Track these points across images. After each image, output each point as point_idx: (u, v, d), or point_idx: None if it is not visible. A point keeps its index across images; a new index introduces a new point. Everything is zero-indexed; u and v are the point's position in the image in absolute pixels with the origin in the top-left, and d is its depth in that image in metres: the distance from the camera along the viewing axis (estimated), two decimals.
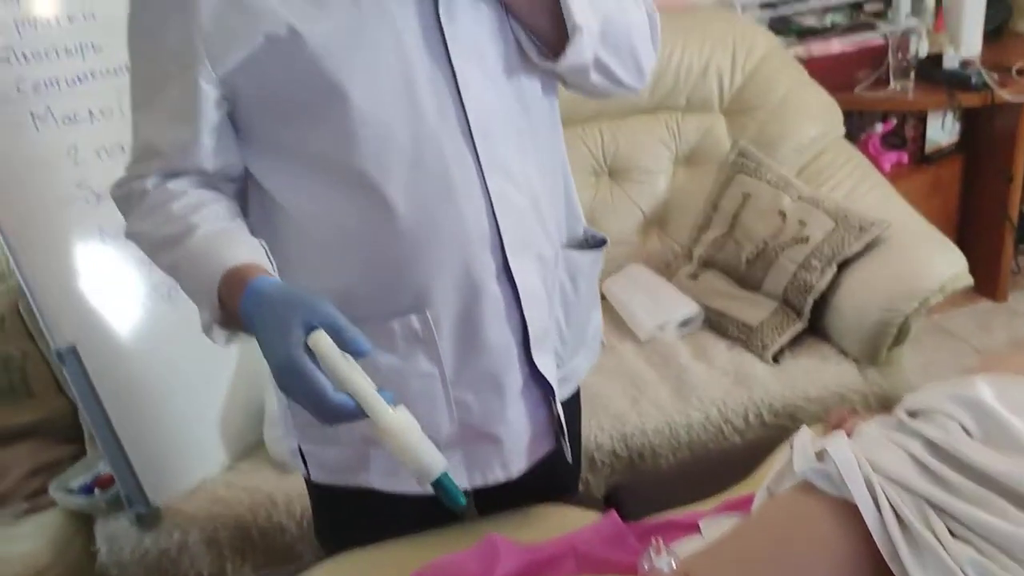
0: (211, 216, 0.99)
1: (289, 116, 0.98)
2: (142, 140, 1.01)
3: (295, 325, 0.85)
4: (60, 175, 1.62)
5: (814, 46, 2.82)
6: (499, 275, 1.06)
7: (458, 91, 0.98)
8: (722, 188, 2.24)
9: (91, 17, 1.65)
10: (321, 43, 0.93)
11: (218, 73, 0.95)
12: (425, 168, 0.99)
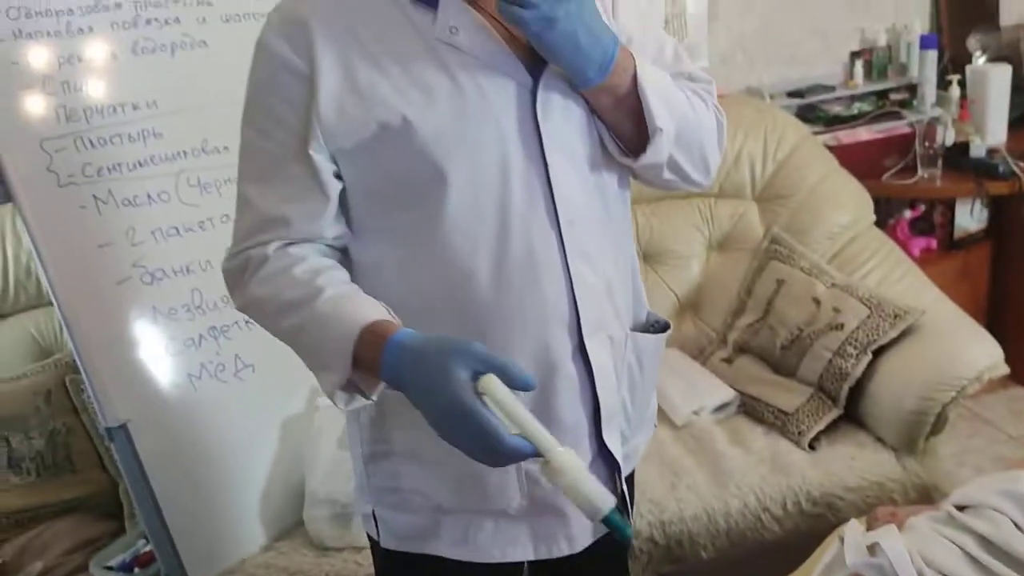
0: (335, 279, 1.03)
1: (389, 195, 1.04)
2: (262, 212, 1.05)
3: (457, 370, 0.88)
4: (117, 255, 1.67)
5: (842, 134, 2.88)
6: (574, 355, 1.10)
7: (548, 180, 1.04)
8: (756, 274, 2.28)
9: (153, 105, 1.73)
10: (431, 132, 0.99)
11: (330, 151, 1.01)
12: (512, 249, 1.04)
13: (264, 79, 1.03)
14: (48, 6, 1.61)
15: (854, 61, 3.09)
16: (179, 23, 1.78)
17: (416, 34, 1.01)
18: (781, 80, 3.08)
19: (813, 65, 3.13)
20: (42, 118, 1.60)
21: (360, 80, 0.99)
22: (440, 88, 1.00)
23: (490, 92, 1.01)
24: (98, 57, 1.67)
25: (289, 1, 1.05)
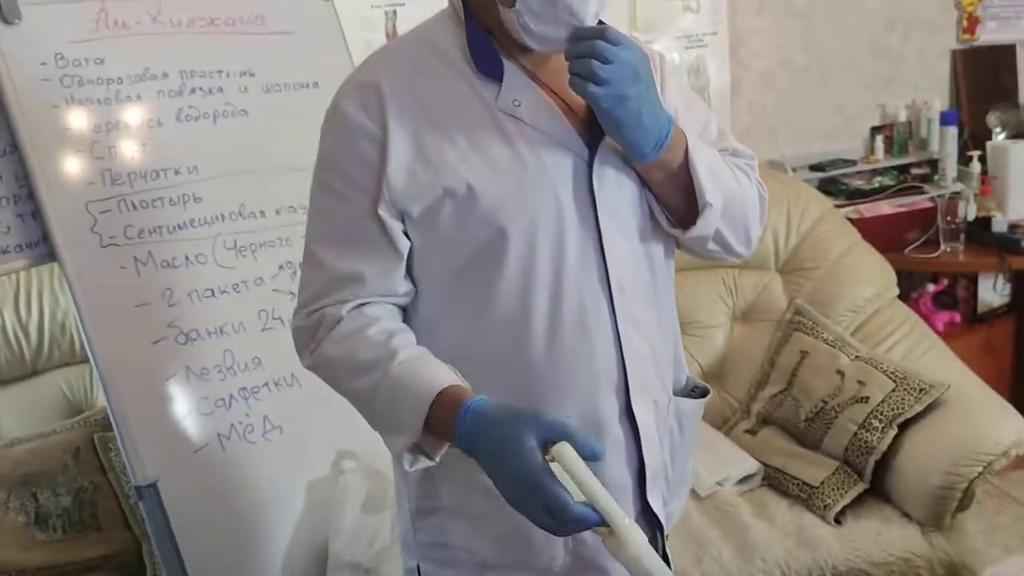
0: (408, 341, 1.07)
1: (450, 256, 1.08)
2: (335, 271, 1.08)
3: (528, 439, 0.91)
4: (154, 315, 1.71)
5: (864, 207, 2.91)
6: (621, 417, 1.12)
7: (601, 247, 1.08)
8: (779, 345, 2.28)
9: (194, 170, 1.78)
10: (493, 199, 1.04)
11: (398, 211, 1.06)
12: (566, 312, 1.08)
13: (338, 143, 1.07)
14: (100, 75, 1.68)
15: (875, 136, 3.14)
16: (222, 92, 1.84)
17: (481, 105, 1.06)
18: (803, 153, 3.13)
19: (834, 139, 3.18)
20: (89, 181, 1.65)
21: (429, 148, 1.04)
22: (502, 157, 1.05)
23: (549, 162, 1.06)
24: (144, 124, 1.73)
25: (363, 69, 1.11)
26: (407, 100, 1.05)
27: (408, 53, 1.11)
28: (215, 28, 1.86)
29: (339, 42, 2.04)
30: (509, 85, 1.07)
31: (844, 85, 3.16)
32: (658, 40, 2.87)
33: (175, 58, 1.78)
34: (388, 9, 2.61)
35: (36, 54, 1.62)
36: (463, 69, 1.08)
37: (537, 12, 1.01)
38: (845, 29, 3.11)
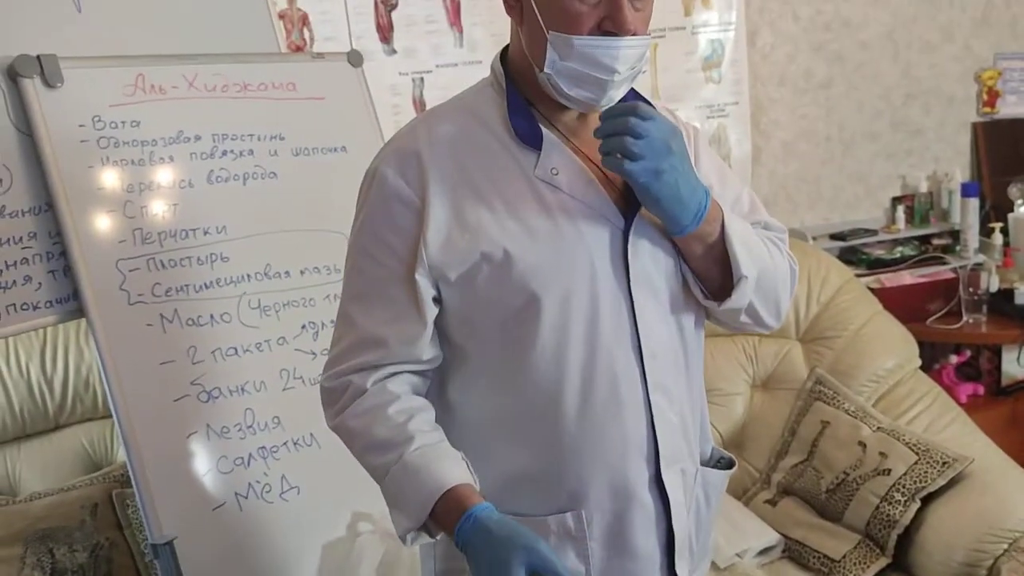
0: (425, 425, 1.09)
1: (486, 320, 1.09)
2: (362, 332, 1.11)
3: (516, 566, 0.94)
4: (178, 373, 1.72)
5: (885, 277, 2.91)
6: (650, 485, 1.13)
7: (634, 316, 1.10)
8: (800, 415, 2.27)
9: (223, 230, 1.81)
10: (529, 265, 1.06)
11: (433, 277, 1.08)
12: (598, 378, 1.09)
13: (376, 206, 1.10)
14: (135, 137, 1.73)
15: (896, 206, 3.16)
16: (252, 155, 1.88)
17: (520, 172, 1.09)
18: (823, 223, 3.15)
19: (855, 209, 3.20)
20: (120, 240, 1.68)
21: (467, 214, 1.07)
22: (540, 225, 1.07)
23: (585, 231, 1.08)
24: (176, 184, 1.77)
25: (405, 135, 1.13)
26: (446, 167, 1.08)
27: (449, 120, 1.13)
28: (248, 93, 1.91)
29: (367, 108, 2.09)
30: (548, 154, 1.09)
31: (865, 155, 3.19)
32: (680, 109, 2.91)
33: (208, 121, 1.83)
34: (415, 76, 2.67)
35: (75, 116, 1.67)
36: (503, 137, 1.10)
37: (567, 73, 1.05)
38: (866, 101, 3.16)
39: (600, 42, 1.02)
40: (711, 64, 2.94)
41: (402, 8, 2.65)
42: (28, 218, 1.63)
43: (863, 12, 3.09)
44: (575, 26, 1.02)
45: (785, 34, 3.03)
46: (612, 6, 1.02)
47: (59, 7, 1.73)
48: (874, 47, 3.13)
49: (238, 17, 2.01)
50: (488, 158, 1.09)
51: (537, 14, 1.05)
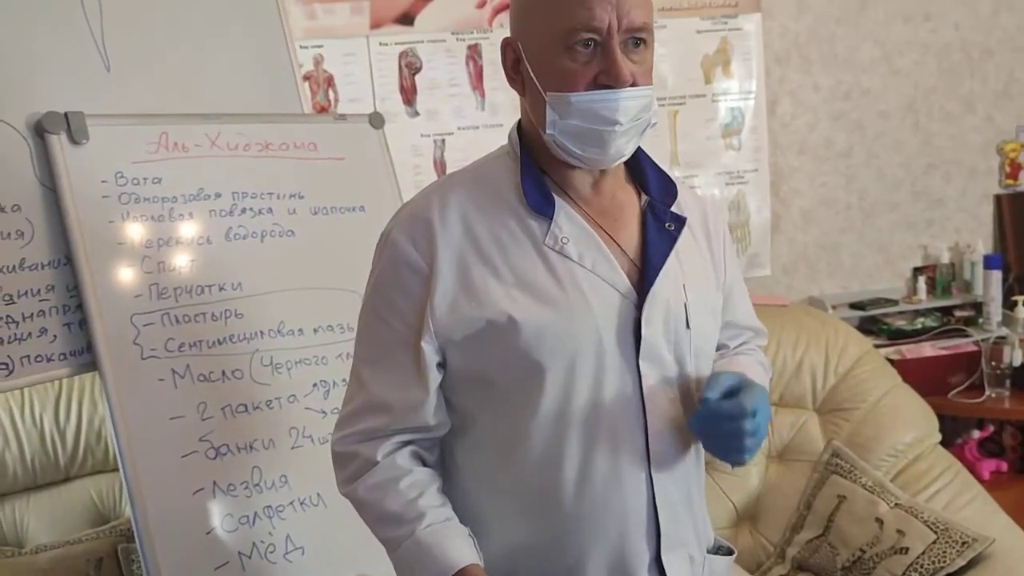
0: (435, 501, 1.10)
1: (489, 385, 1.09)
2: (369, 395, 1.13)
3: None
4: (187, 429, 1.72)
5: (905, 348, 2.87)
6: (651, 566, 1.11)
7: (640, 390, 1.09)
8: (816, 488, 2.23)
9: (238, 287, 1.83)
10: (533, 332, 1.06)
11: (439, 342, 1.08)
12: (597, 452, 1.08)
13: (387, 270, 1.12)
14: (156, 193, 1.76)
15: (917, 277, 3.13)
16: (271, 213, 1.91)
17: (530, 240, 1.09)
18: (843, 291, 3.12)
19: (876, 279, 3.18)
20: (136, 294, 1.70)
21: (474, 280, 1.08)
22: (547, 293, 1.07)
23: (593, 301, 1.08)
24: (194, 241, 1.79)
25: (418, 201, 1.15)
26: (456, 234, 1.09)
27: (463, 188, 1.14)
28: (269, 152, 1.94)
29: (387, 169, 2.11)
30: (559, 222, 1.10)
31: (885, 225, 3.18)
32: (699, 176, 2.93)
33: (229, 179, 1.85)
34: (437, 138, 2.71)
35: (98, 172, 1.70)
36: (515, 205, 1.11)
37: (569, 132, 1.06)
38: (886, 170, 3.16)
39: (597, 96, 1.03)
40: (731, 131, 2.96)
41: (426, 71, 2.70)
42: (47, 271, 1.66)
43: (883, 82, 3.10)
44: (571, 84, 1.04)
45: (805, 103, 3.05)
46: (606, 60, 1.03)
47: (89, 65, 1.78)
48: (894, 117, 3.14)
49: (264, 78, 2.05)
50: (499, 225, 1.10)
51: (535, 80, 1.07)
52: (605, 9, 1.02)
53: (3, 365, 1.58)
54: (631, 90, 1.04)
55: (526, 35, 1.09)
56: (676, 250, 1.14)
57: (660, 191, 1.17)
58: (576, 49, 1.03)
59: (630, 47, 1.04)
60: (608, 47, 1.02)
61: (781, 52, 3.00)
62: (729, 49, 2.93)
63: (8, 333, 1.60)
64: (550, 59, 1.05)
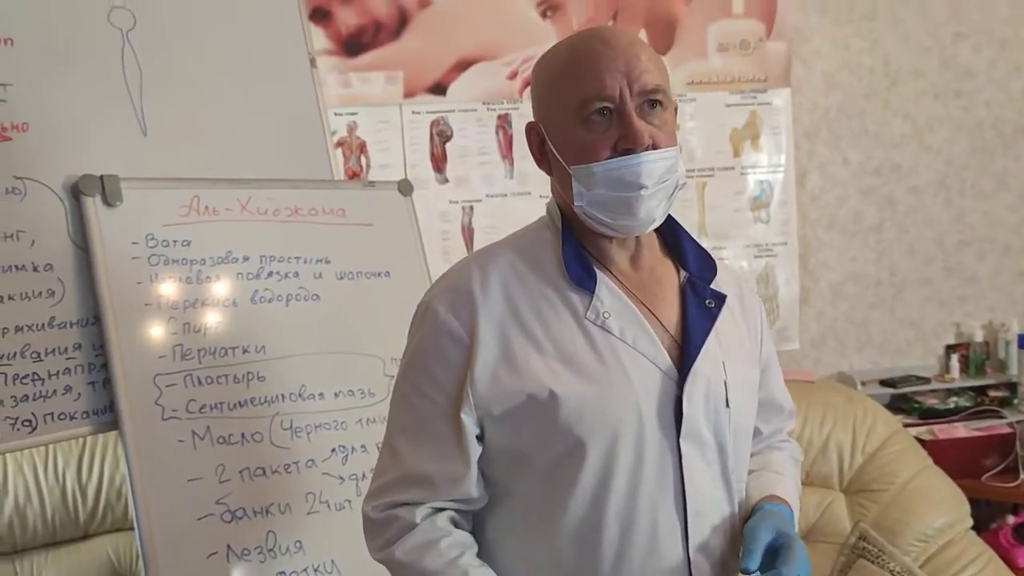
0: (475, 561, 1.08)
1: (528, 459, 1.08)
2: (408, 467, 1.11)
3: None
4: (204, 491, 1.72)
5: (937, 428, 2.81)
6: None
7: (680, 469, 1.08)
8: (842, 572, 2.17)
9: (262, 350, 1.84)
10: (574, 408, 1.05)
11: (478, 414, 1.08)
12: (636, 530, 1.06)
13: (426, 341, 1.11)
14: (185, 255, 1.78)
15: (950, 355, 3.08)
16: (297, 277, 1.93)
17: (571, 314, 1.09)
18: (873, 367, 3.08)
19: (907, 355, 3.13)
20: (160, 355, 1.71)
21: (516, 353, 1.07)
22: (588, 366, 1.06)
23: (635, 377, 1.07)
24: (220, 303, 1.81)
25: (459, 271, 1.15)
26: (497, 305, 1.09)
27: (503, 259, 1.14)
28: (298, 217, 1.97)
29: (414, 235, 2.13)
30: (600, 296, 1.09)
31: (917, 301, 3.14)
32: (727, 248, 2.93)
33: (257, 243, 1.88)
34: (465, 205, 2.74)
35: (130, 233, 1.73)
36: (556, 278, 1.11)
37: (597, 202, 1.06)
38: (917, 246, 3.13)
39: (618, 163, 1.04)
40: (760, 204, 2.97)
41: (457, 139, 2.74)
42: (75, 329, 1.68)
43: (914, 159, 3.10)
44: (592, 155, 1.05)
45: (835, 178, 3.05)
46: (623, 126, 1.04)
47: (127, 130, 1.83)
48: (926, 193, 3.12)
49: (296, 144, 2.09)
50: (540, 298, 1.10)
51: (559, 157, 1.09)
52: (615, 77, 1.04)
53: (27, 422, 1.60)
54: (652, 152, 1.04)
55: (546, 115, 1.11)
56: (716, 327, 1.13)
57: (699, 267, 1.17)
58: (592, 120, 1.04)
59: (646, 110, 1.05)
60: (624, 113, 1.04)
61: (810, 127, 3.02)
62: (758, 123, 2.95)
63: (34, 390, 1.62)
64: (570, 134, 1.06)
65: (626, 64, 1.04)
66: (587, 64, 1.05)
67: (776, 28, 2.94)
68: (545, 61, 1.13)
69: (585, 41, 1.08)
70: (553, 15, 2.82)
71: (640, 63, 1.05)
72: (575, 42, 1.10)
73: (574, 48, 1.08)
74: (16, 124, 1.68)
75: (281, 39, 2.09)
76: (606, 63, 1.04)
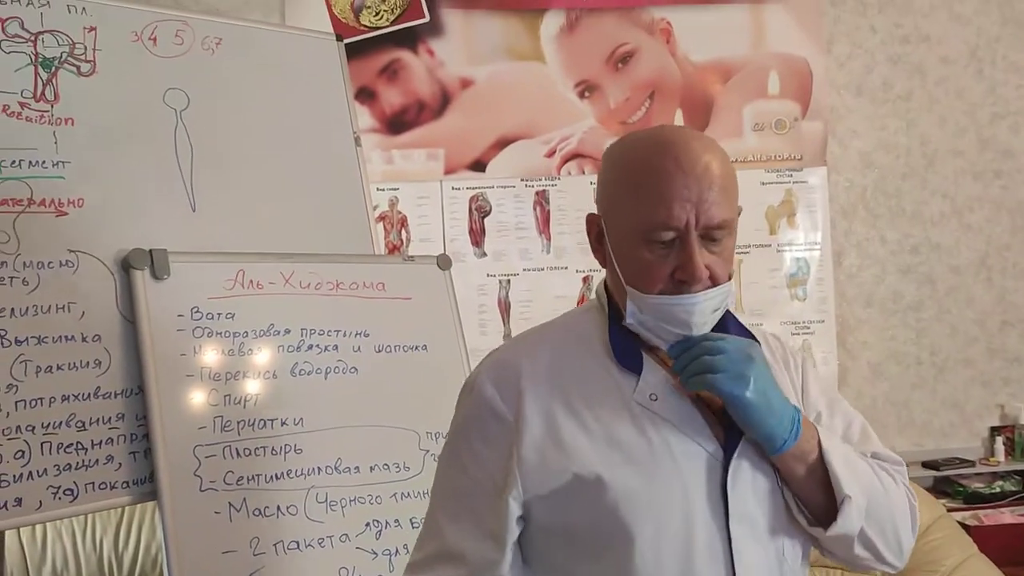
0: None
1: (573, 546, 1.07)
2: (445, 543, 1.10)
3: None
4: (238, 563, 1.72)
5: (983, 513, 2.74)
6: None
7: (731, 553, 1.05)
8: None
9: (300, 422, 1.86)
10: (622, 491, 1.03)
11: (525, 497, 1.06)
12: None
13: (471, 418, 1.11)
14: (229, 328, 1.82)
15: (994, 437, 3.02)
16: (336, 350, 1.95)
17: (619, 396, 1.08)
18: (915, 449, 3.02)
19: (950, 437, 3.07)
20: (200, 426, 1.74)
21: (563, 433, 1.06)
22: (635, 449, 1.05)
23: (681, 458, 1.05)
24: (261, 375, 1.83)
25: (509, 349, 1.16)
26: (544, 385, 1.09)
27: (551, 339, 1.15)
28: (339, 291, 2.01)
29: (451, 309, 2.16)
30: (647, 378, 1.08)
31: (959, 382, 3.09)
32: (764, 324, 2.92)
33: (298, 316, 1.91)
34: (503, 278, 2.77)
35: (176, 306, 1.78)
36: (603, 359, 1.10)
37: (647, 325, 1.07)
38: (959, 325, 3.10)
39: (672, 301, 1.04)
40: (796, 281, 2.96)
41: (495, 215, 2.79)
42: (119, 399, 1.71)
43: (954, 237, 3.09)
44: (647, 279, 1.05)
45: (872, 256, 3.04)
46: (683, 255, 1.03)
47: (177, 205, 1.89)
48: (966, 272, 3.10)
49: (339, 219, 2.14)
50: (587, 379, 1.10)
51: (615, 264, 1.10)
52: (684, 208, 1.02)
53: (68, 491, 1.63)
54: (708, 292, 1.04)
55: (608, 215, 1.11)
56: None
57: None
58: (655, 243, 1.04)
59: (710, 240, 1.04)
60: (686, 243, 1.03)
61: (847, 205, 3.02)
62: (794, 201, 2.96)
63: (77, 459, 1.65)
64: (630, 248, 1.06)
65: (698, 195, 1.02)
66: (658, 187, 1.03)
67: (812, 108, 2.98)
68: (617, 156, 1.12)
69: (660, 155, 1.05)
70: (591, 95, 2.88)
71: (712, 194, 1.03)
72: (650, 152, 1.07)
73: (647, 161, 1.06)
74: (72, 199, 1.75)
75: (328, 118, 2.16)
76: (677, 189, 1.02)
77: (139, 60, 1.90)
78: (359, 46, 2.77)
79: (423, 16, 2.82)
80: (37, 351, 1.65)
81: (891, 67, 3.06)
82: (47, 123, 1.76)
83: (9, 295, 1.64)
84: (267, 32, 2.17)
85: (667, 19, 2.92)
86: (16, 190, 1.70)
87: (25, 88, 1.75)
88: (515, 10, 2.86)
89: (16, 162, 1.71)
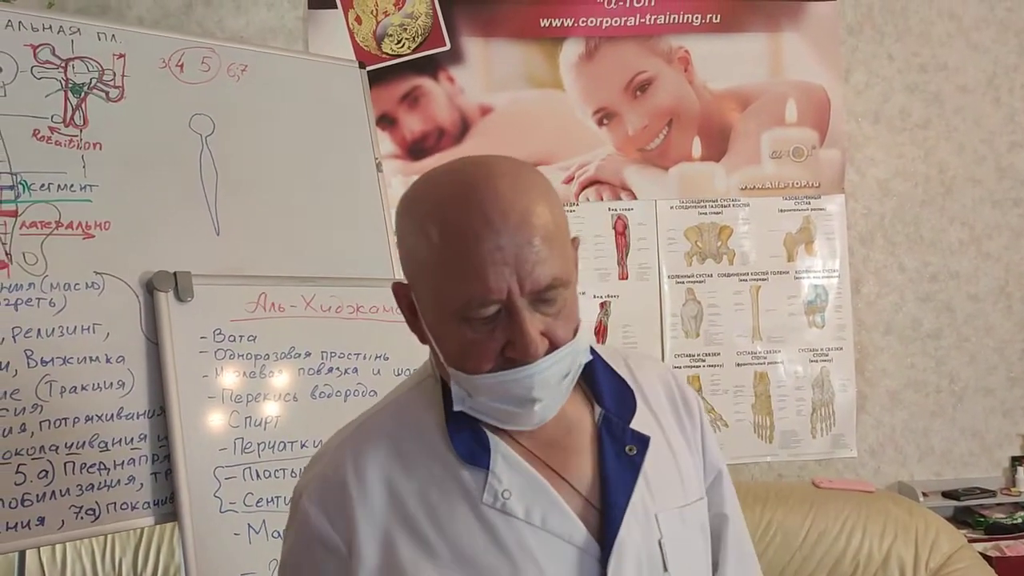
0: None
1: None
2: None
3: None
4: None
5: (1004, 544, 2.70)
6: None
7: None
8: None
9: (319, 445, 1.85)
10: None
11: None
12: None
13: (298, 545, 0.94)
14: (250, 350, 1.84)
15: (1016, 466, 2.99)
16: (356, 373, 1.97)
17: (465, 499, 0.90)
18: (935, 478, 3.00)
19: (971, 466, 3.04)
20: (221, 447, 1.75)
21: (402, 559, 0.89)
22: (490, 568, 0.88)
23: (547, 566, 0.88)
24: (281, 397, 1.85)
25: (332, 455, 0.96)
26: (378, 500, 0.91)
27: (380, 436, 0.95)
28: (359, 314, 2.02)
29: None
30: (496, 472, 0.90)
31: (980, 410, 3.07)
32: (782, 351, 2.91)
33: (319, 339, 1.93)
34: None
35: (199, 328, 1.79)
36: (443, 453, 0.92)
37: (482, 409, 0.90)
38: (978, 353, 3.08)
39: (506, 377, 0.86)
40: (814, 308, 2.96)
41: None
42: (142, 420, 1.73)
43: (973, 265, 3.07)
44: (472, 360, 0.87)
45: (891, 283, 3.03)
46: (511, 328, 0.84)
47: (201, 228, 1.91)
48: (985, 299, 3.08)
49: (360, 243, 2.16)
50: (426, 483, 0.91)
51: (434, 345, 0.92)
52: (501, 274, 0.82)
53: (90, 511, 1.64)
54: (547, 359, 0.86)
55: (418, 290, 0.90)
56: (644, 471, 0.93)
57: (616, 404, 0.97)
58: (474, 320, 0.85)
59: (540, 303, 0.85)
60: (512, 313, 0.84)
61: (865, 232, 3.02)
62: (812, 228, 2.97)
63: (99, 480, 1.66)
64: (447, 328, 0.87)
65: (516, 255, 0.82)
66: (467, 255, 0.83)
67: (829, 136, 2.99)
68: (415, 211, 0.88)
69: (462, 208, 0.84)
70: (609, 123, 2.90)
71: (533, 251, 0.83)
72: (449, 204, 0.85)
73: (448, 220, 0.84)
74: (99, 222, 1.78)
75: (350, 144, 2.19)
76: (489, 253, 0.82)
77: (166, 86, 1.94)
78: (380, 73, 2.81)
79: (444, 44, 2.85)
80: (62, 371, 1.67)
81: (908, 95, 3.07)
82: (76, 147, 1.80)
83: (36, 316, 1.67)
84: (291, 59, 2.20)
85: (685, 47, 2.94)
86: (45, 213, 1.73)
87: (55, 113, 1.79)
88: (535, 38, 2.89)
89: (45, 185, 1.74)
